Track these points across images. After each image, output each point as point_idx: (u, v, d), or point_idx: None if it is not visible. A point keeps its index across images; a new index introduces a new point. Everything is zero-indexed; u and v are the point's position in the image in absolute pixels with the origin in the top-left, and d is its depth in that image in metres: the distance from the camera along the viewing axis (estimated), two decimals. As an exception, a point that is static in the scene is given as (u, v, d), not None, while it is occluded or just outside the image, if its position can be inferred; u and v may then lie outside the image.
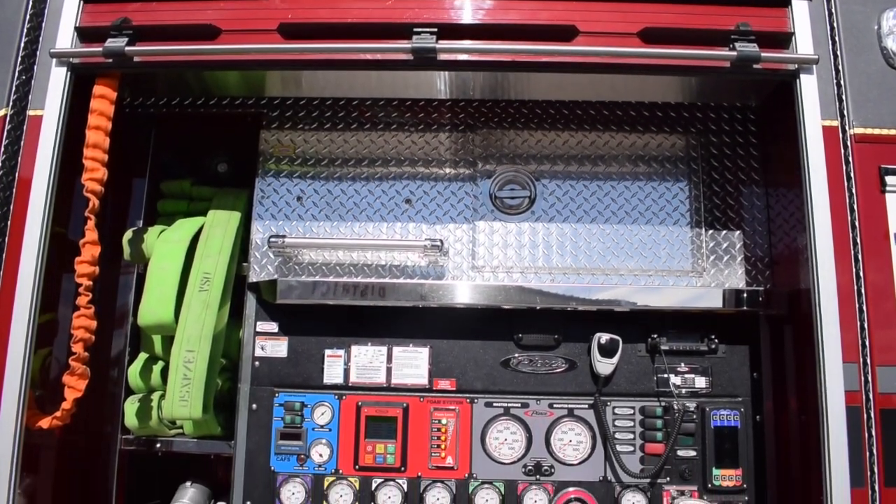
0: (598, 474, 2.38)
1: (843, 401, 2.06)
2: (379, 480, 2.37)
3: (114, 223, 2.59)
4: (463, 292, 2.34)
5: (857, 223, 2.17)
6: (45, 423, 2.21)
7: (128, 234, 2.54)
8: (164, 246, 2.45)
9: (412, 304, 2.35)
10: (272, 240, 2.39)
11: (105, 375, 2.59)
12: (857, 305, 2.13)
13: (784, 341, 2.35)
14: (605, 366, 2.37)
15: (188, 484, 2.66)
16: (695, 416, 2.39)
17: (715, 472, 2.37)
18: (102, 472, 2.58)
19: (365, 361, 2.43)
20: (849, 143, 2.21)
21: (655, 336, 2.42)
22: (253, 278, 2.48)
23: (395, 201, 2.51)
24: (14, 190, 2.21)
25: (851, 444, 2.03)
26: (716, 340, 2.43)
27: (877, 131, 2.22)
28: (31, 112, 2.26)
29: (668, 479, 2.38)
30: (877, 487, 2.07)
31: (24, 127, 2.26)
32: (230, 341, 2.55)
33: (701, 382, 2.42)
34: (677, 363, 2.43)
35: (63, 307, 2.37)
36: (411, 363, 2.42)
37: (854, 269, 2.15)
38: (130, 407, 2.52)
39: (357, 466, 2.38)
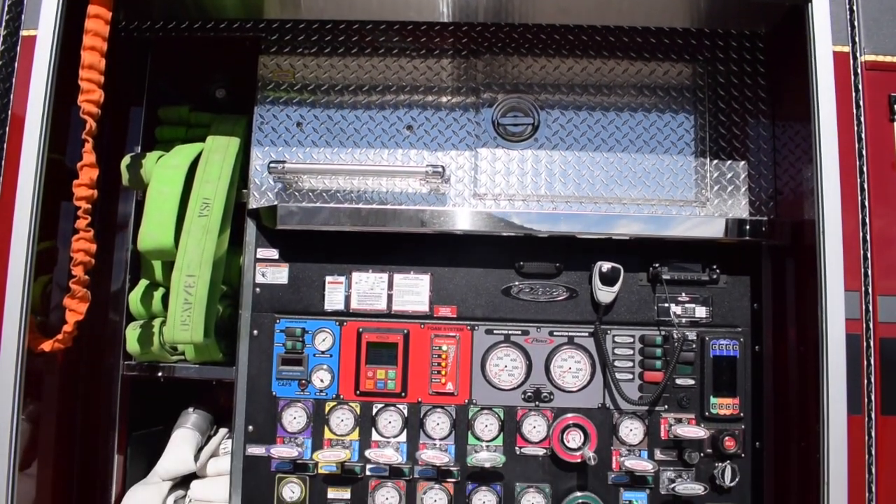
0: (597, 401, 2.40)
1: (844, 328, 2.06)
2: (380, 405, 2.40)
3: (111, 151, 2.56)
4: (464, 219, 2.32)
5: (864, 152, 2.15)
6: (46, 346, 2.22)
7: (126, 160, 2.51)
8: (162, 171, 2.42)
9: (413, 230, 2.33)
10: (272, 165, 2.36)
11: (106, 302, 2.59)
12: (860, 235, 2.12)
13: (785, 272, 2.35)
14: (605, 294, 2.37)
15: (190, 410, 2.69)
16: (694, 346, 2.40)
17: (713, 400, 2.39)
18: (105, 398, 2.59)
19: (366, 288, 2.43)
20: (859, 71, 2.17)
21: (657, 265, 2.41)
22: (253, 205, 2.46)
23: (396, 127, 2.47)
24: (9, 114, 2.17)
25: (850, 372, 2.04)
26: (717, 271, 2.43)
27: (888, 59, 2.18)
28: (24, 32, 2.21)
29: (665, 406, 2.40)
30: (873, 415, 2.09)
31: (18, 48, 2.21)
32: (231, 268, 2.55)
33: (701, 312, 2.43)
34: (678, 293, 2.43)
35: (63, 235, 2.35)
36: (412, 290, 2.42)
37: (859, 199, 2.13)
38: (132, 333, 2.52)
39: (358, 392, 2.39)
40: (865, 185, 2.14)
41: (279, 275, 2.45)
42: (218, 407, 2.73)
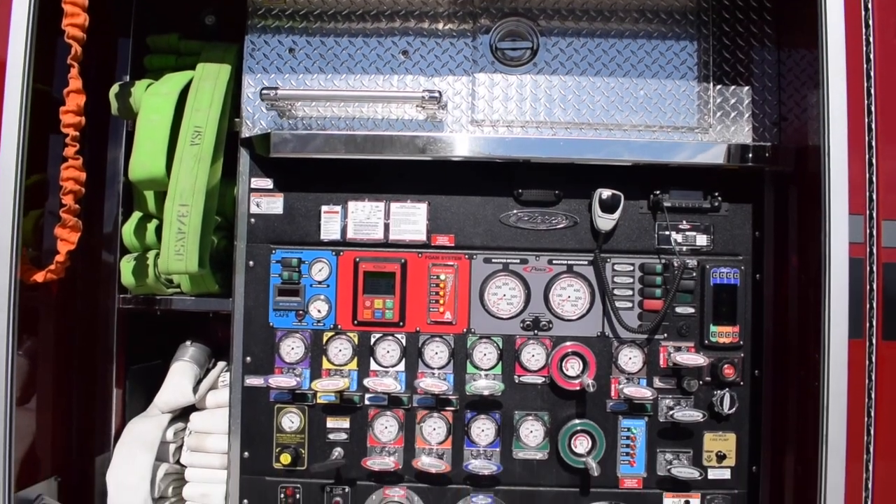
0: (596, 330, 2.38)
1: (847, 252, 2.03)
2: (378, 335, 2.38)
3: (100, 80, 2.50)
4: (462, 144, 2.27)
5: (871, 73, 2.09)
6: (39, 277, 2.20)
7: (114, 89, 2.45)
8: (152, 99, 2.36)
9: (410, 157, 2.28)
10: (264, 92, 2.30)
11: (99, 235, 2.56)
12: (866, 158, 2.08)
13: (788, 200, 2.31)
14: (605, 221, 2.33)
15: (188, 343, 2.68)
16: (694, 274, 2.38)
17: (712, 328, 2.37)
18: (102, 332, 2.59)
19: (362, 217, 2.39)
20: (868, -11, 2.11)
21: (657, 193, 2.37)
22: (245, 133, 2.40)
23: (391, 53, 2.40)
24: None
25: (852, 297, 2.02)
26: (719, 198, 2.39)
27: (898, -24, 2.11)
28: None
29: (665, 335, 2.38)
30: (874, 340, 2.08)
31: (-4, -28, 2.13)
32: (225, 199, 2.51)
33: (702, 240, 2.40)
34: (679, 220, 2.39)
35: (52, 168, 2.31)
36: (409, 219, 2.39)
37: (866, 121, 2.09)
38: (126, 265, 2.50)
39: (356, 321, 2.38)
40: (873, 108, 2.09)
41: (274, 205, 2.41)
42: (215, 340, 2.72)
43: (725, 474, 2.39)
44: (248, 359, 2.40)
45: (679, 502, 2.39)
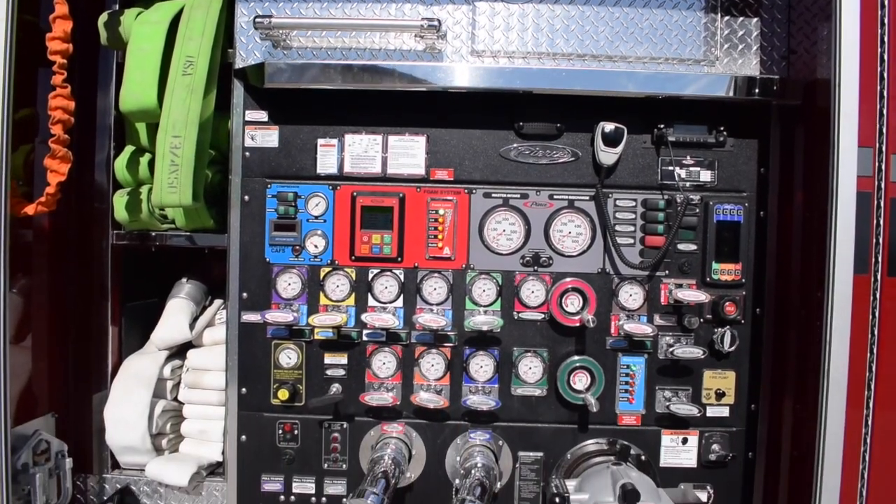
0: (597, 266, 2.35)
1: (855, 185, 2.00)
2: (375, 271, 2.35)
3: (89, 10, 2.42)
4: (462, 75, 2.21)
5: (886, 1, 2.02)
6: (30, 209, 2.17)
7: (103, 17, 2.38)
8: (142, 27, 2.29)
9: (408, 87, 2.22)
10: (258, 20, 2.22)
11: (91, 169, 2.51)
12: (878, 90, 2.03)
13: (795, 135, 2.26)
14: (608, 155, 2.28)
15: (184, 280, 2.66)
16: (697, 210, 2.34)
17: (714, 266, 2.34)
18: (97, 269, 2.56)
19: (359, 151, 2.34)
20: None
21: (661, 127, 2.32)
22: (239, 64, 2.33)
23: (389, -22, 2.33)
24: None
25: (858, 231, 1.99)
26: (724, 133, 2.33)
27: None
28: None
29: (666, 272, 2.35)
30: (879, 276, 2.05)
31: None
32: (219, 133, 2.45)
33: (706, 176, 2.35)
34: (683, 156, 2.34)
35: (42, 104, 2.24)
36: (407, 152, 2.33)
37: (878, 52, 2.03)
38: (119, 200, 2.46)
39: (353, 257, 2.34)
40: (886, 38, 2.03)
41: (269, 138, 2.35)
42: (212, 279, 2.69)
43: (724, 412, 2.38)
44: (245, 295, 2.37)
45: (677, 439, 2.39)
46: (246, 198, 2.36)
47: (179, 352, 2.63)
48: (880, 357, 2.05)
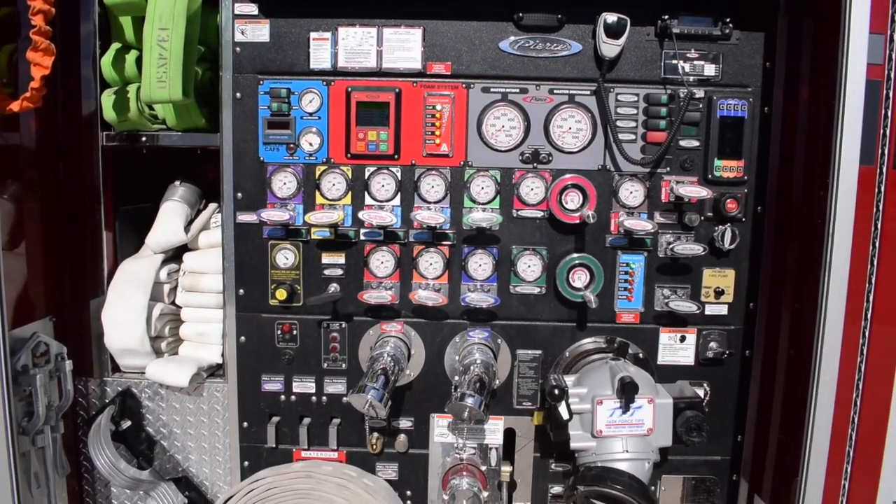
0: (598, 162, 2.31)
1: (865, 73, 1.95)
2: (372, 168, 2.31)
3: None
4: (459, -42, 2.12)
5: None
6: (15, 106, 2.12)
7: None
8: (123, -88, 2.19)
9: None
10: None
11: (77, 69, 2.44)
12: (891, -27, 1.96)
13: (802, 27, 2.19)
14: (610, 48, 2.21)
15: (178, 183, 2.62)
16: (700, 106, 2.28)
17: (717, 162, 2.30)
18: (88, 171, 2.51)
19: (353, 44, 2.26)
20: None
21: (666, 17, 2.23)
22: (227, -50, 2.24)
23: None
24: None
25: (866, 121, 1.95)
26: (730, 25, 2.25)
27: None
28: None
29: (667, 168, 2.31)
30: (885, 168, 2.02)
31: None
32: (207, 28, 2.37)
33: (710, 70, 2.28)
34: (687, 49, 2.27)
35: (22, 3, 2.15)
36: (403, 45, 2.26)
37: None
38: (107, 100, 2.39)
39: (349, 154, 2.30)
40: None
41: (260, 32, 2.27)
42: (205, 181, 2.65)
43: (723, 310, 2.38)
44: (240, 195, 2.33)
45: (675, 337, 2.39)
46: (238, 95, 2.29)
47: (175, 256, 2.61)
48: (882, 248, 2.03)
